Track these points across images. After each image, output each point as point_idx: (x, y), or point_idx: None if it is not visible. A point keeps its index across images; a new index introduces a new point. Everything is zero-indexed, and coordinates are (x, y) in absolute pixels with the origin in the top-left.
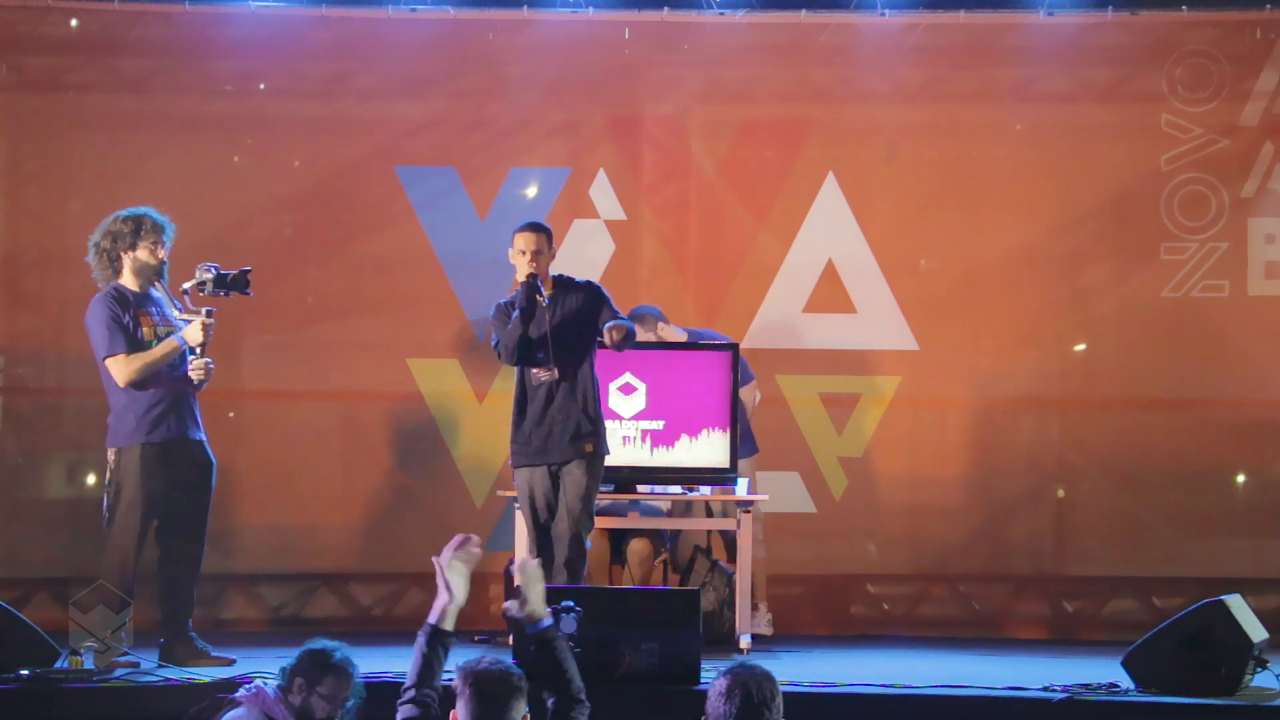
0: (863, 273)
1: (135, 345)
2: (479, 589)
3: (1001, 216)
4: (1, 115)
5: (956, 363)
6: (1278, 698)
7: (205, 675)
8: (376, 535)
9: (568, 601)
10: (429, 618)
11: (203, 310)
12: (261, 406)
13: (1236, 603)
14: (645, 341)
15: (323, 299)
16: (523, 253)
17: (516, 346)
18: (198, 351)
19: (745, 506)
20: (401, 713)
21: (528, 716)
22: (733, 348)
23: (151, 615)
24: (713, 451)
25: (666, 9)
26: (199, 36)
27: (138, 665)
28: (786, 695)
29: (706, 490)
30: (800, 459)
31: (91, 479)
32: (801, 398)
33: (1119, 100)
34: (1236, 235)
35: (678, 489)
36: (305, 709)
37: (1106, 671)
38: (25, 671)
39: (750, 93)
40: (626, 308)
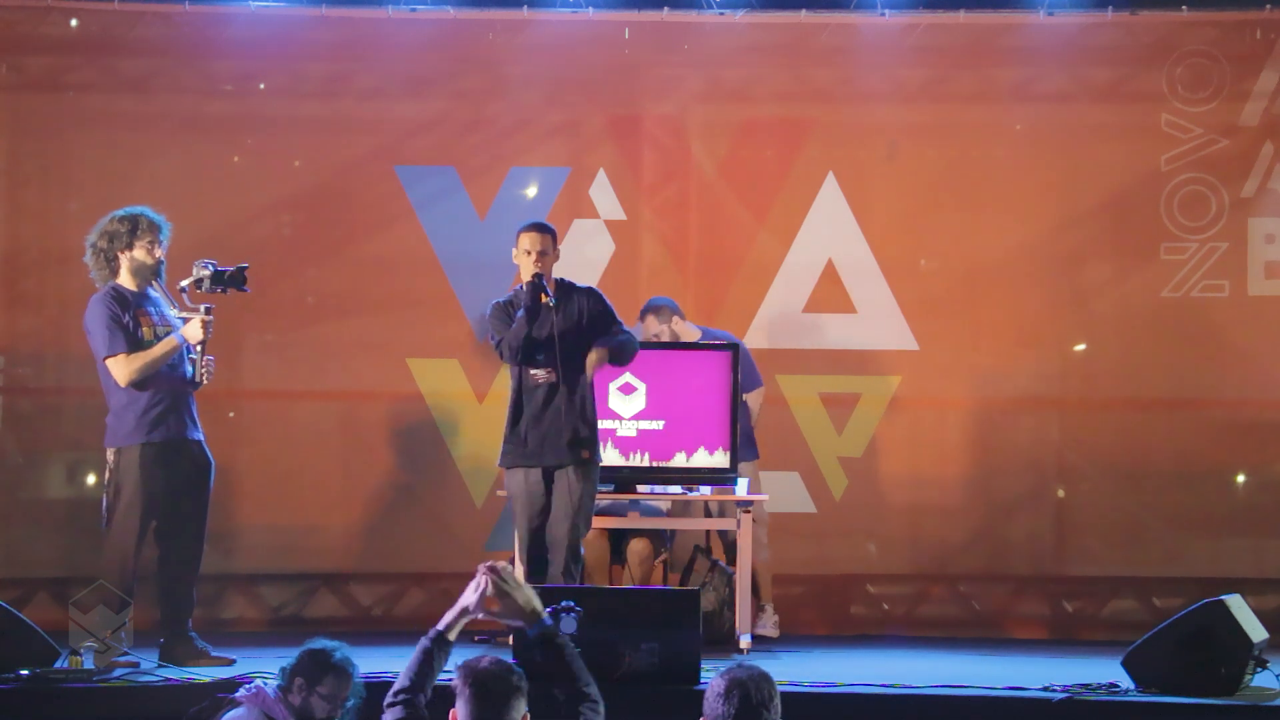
0: (863, 273)
1: (135, 345)
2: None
3: (1001, 216)
4: (1, 115)
5: (956, 363)
6: (1278, 698)
7: (205, 675)
8: (376, 535)
9: (568, 601)
10: (439, 624)
11: (201, 308)
12: (261, 406)
13: (1236, 603)
14: (645, 342)
15: (323, 299)
16: (528, 253)
17: (520, 346)
18: (198, 350)
19: (745, 507)
20: (390, 715)
21: (527, 716)
22: (735, 348)
23: (151, 615)
24: (712, 452)
25: (666, 9)
26: (199, 36)
27: (138, 665)
28: (786, 695)
29: (706, 490)
30: (800, 459)
31: (91, 479)
32: (801, 398)
33: (1119, 100)
34: (1236, 235)
35: (678, 489)
36: (305, 709)
37: (1106, 671)
38: (25, 671)
39: (750, 93)
40: (627, 308)
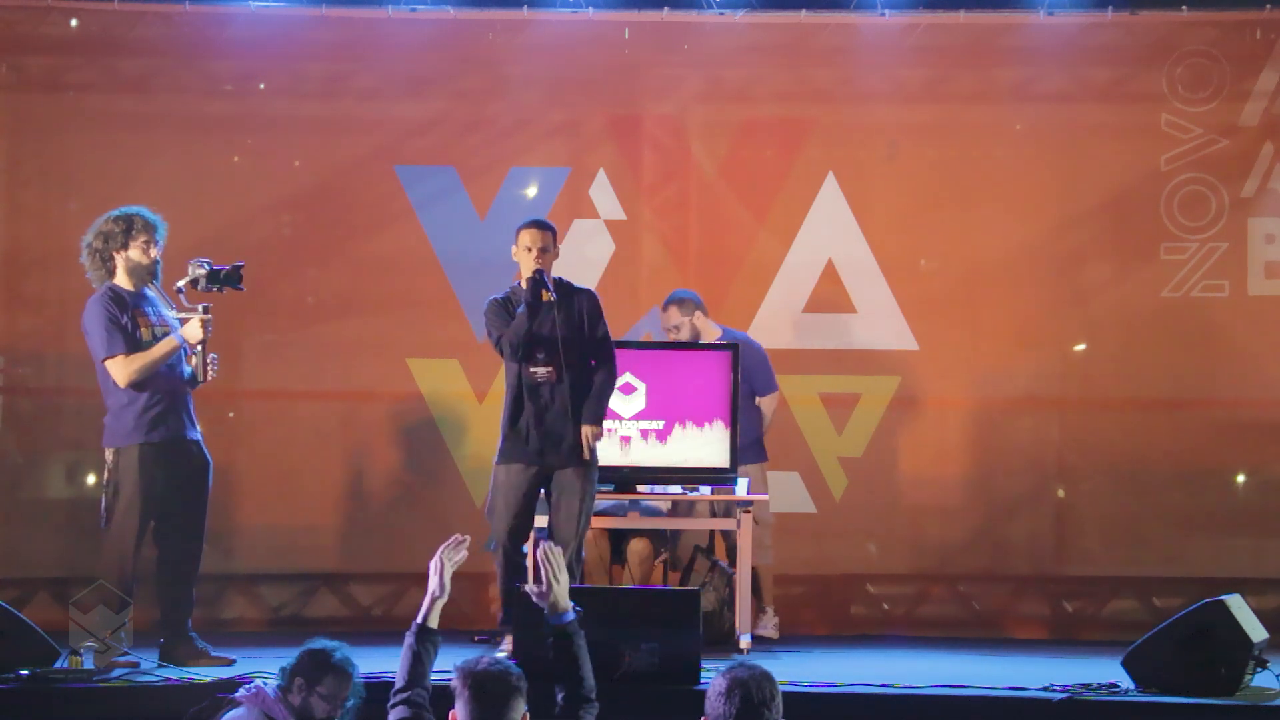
0: (863, 273)
1: (134, 345)
2: (479, 589)
3: (1001, 216)
4: (1, 115)
5: (956, 363)
6: (1278, 698)
7: (205, 675)
8: (376, 535)
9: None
10: (417, 617)
11: (200, 307)
12: (261, 406)
13: (1236, 603)
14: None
15: (323, 299)
16: (528, 249)
17: (521, 342)
18: (197, 349)
19: (745, 507)
20: (394, 715)
21: (527, 716)
22: (735, 348)
23: (151, 615)
24: (713, 452)
25: (666, 9)
26: (199, 36)
27: (138, 665)
28: (786, 695)
29: (706, 490)
30: (800, 459)
31: (91, 479)
32: (801, 398)
33: (1119, 100)
34: (1236, 235)
35: (678, 489)
36: (305, 709)
37: (1106, 671)
38: (25, 671)
39: (750, 93)
40: (627, 308)
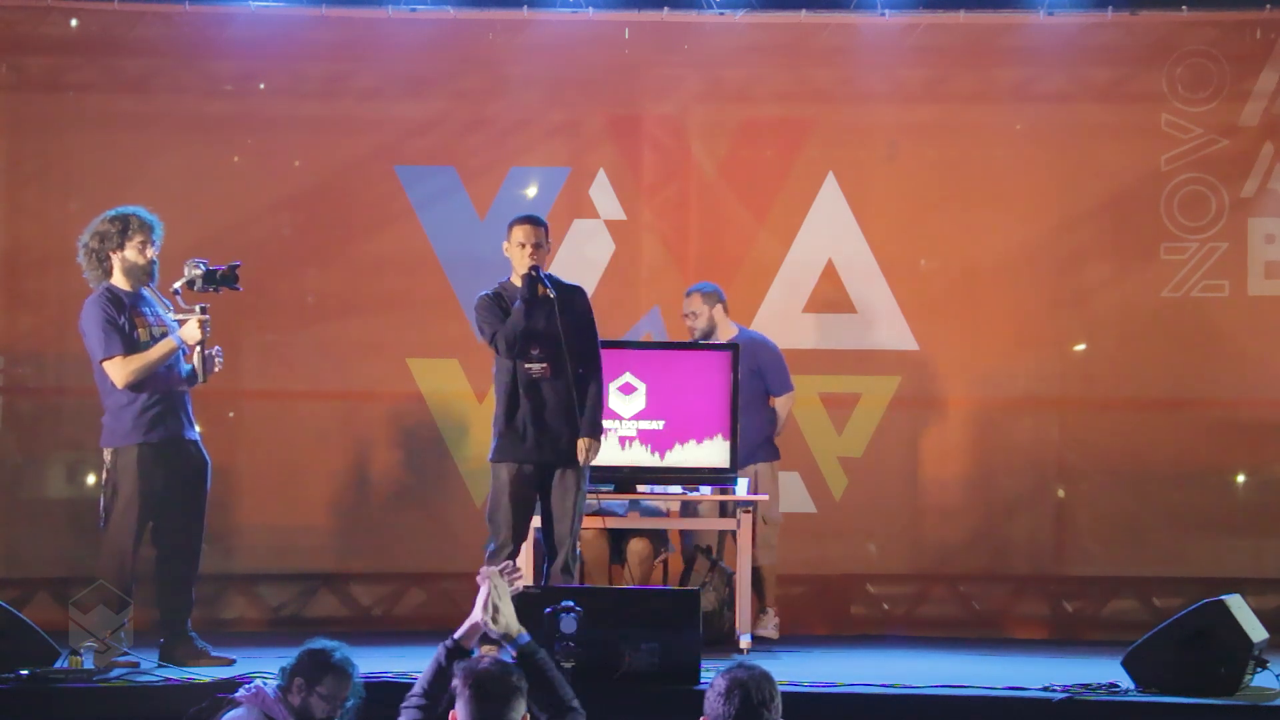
0: (863, 273)
1: (132, 346)
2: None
3: (1001, 216)
4: (1, 115)
5: (956, 363)
6: (1278, 698)
7: (205, 675)
8: (376, 535)
9: (567, 601)
10: (455, 633)
11: (197, 308)
12: (261, 406)
13: (1236, 603)
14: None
15: (323, 299)
16: (522, 245)
17: (518, 338)
18: (196, 350)
19: (745, 507)
20: (405, 716)
21: (527, 717)
22: (735, 348)
23: (151, 615)
24: (713, 452)
25: (666, 9)
26: (199, 36)
27: (138, 665)
28: (786, 695)
29: (706, 490)
30: (800, 459)
31: (91, 479)
32: (801, 398)
33: (1119, 100)
34: (1236, 235)
35: (678, 489)
36: (305, 709)
37: (1106, 671)
38: (25, 671)
39: (750, 93)
40: (627, 309)
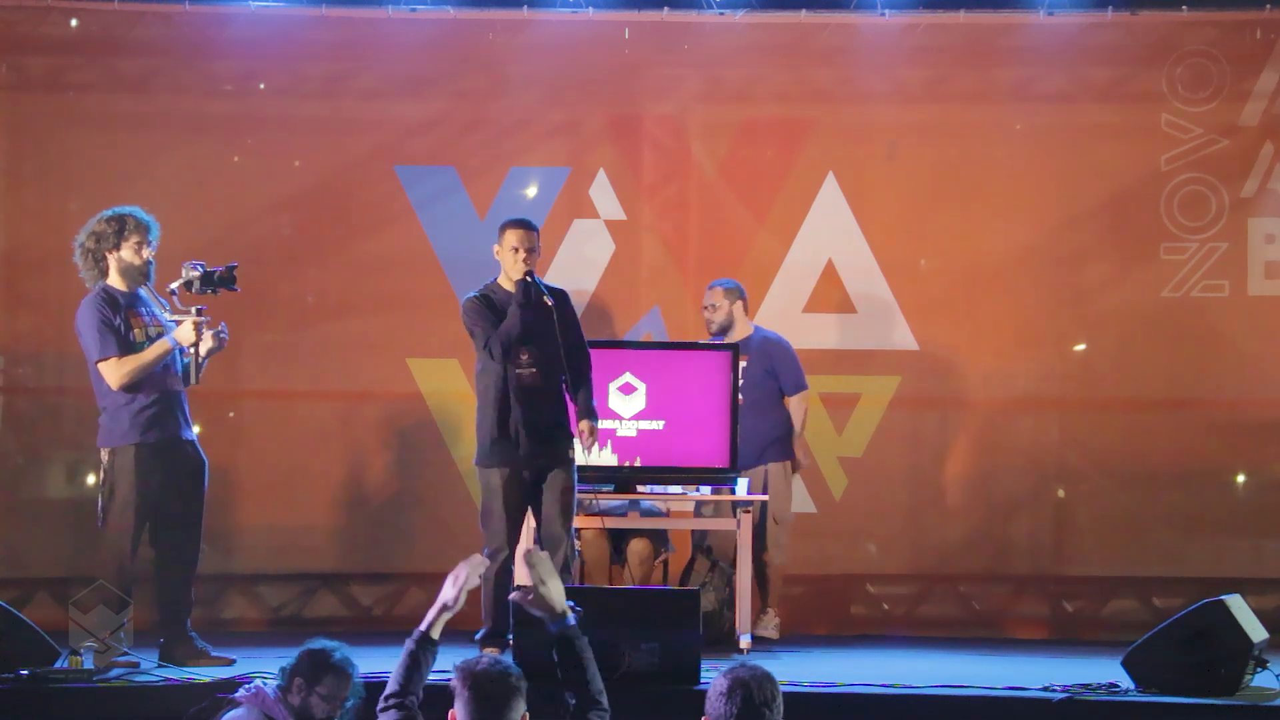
0: (863, 273)
1: (127, 347)
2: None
3: (1001, 216)
4: (1, 115)
5: (956, 363)
6: (1278, 698)
7: (205, 675)
8: (376, 535)
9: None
10: (421, 625)
11: (193, 309)
12: (261, 406)
13: (1236, 603)
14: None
15: (323, 299)
16: (515, 250)
17: (513, 343)
18: (190, 351)
19: (745, 507)
20: (385, 718)
21: (526, 716)
22: (734, 348)
23: (151, 615)
24: (713, 452)
25: (666, 9)
26: (199, 36)
27: (137, 665)
28: (786, 695)
29: (706, 490)
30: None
31: (92, 479)
32: None
33: (1119, 100)
34: (1236, 235)
35: (678, 489)
36: (305, 709)
37: (1106, 671)
38: (25, 671)
39: (750, 93)
40: (628, 309)
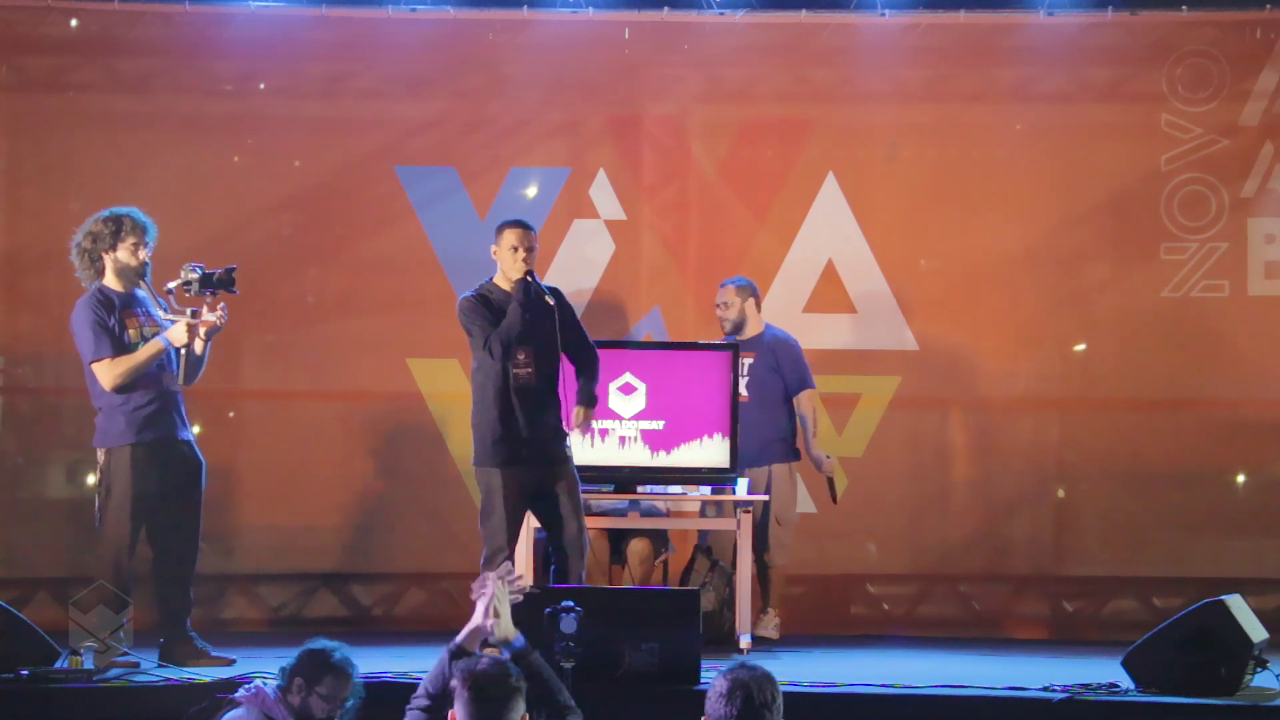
0: (863, 273)
1: (121, 348)
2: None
3: (1001, 216)
4: (1, 115)
5: (956, 363)
6: (1278, 698)
7: (205, 675)
8: (376, 535)
9: (567, 601)
10: (458, 637)
11: (187, 311)
12: (261, 406)
13: (1236, 603)
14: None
15: (323, 299)
16: (514, 249)
17: (514, 341)
18: (182, 353)
19: (745, 506)
20: (410, 717)
21: (526, 717)
22: (734, 348)
23: (151, 615)
24: (713, 452)
25: (666, 9)
26: (199, 36)
27: (137, 665)
28: (786, 695)
29: (706, 490)
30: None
31: (91, 479)
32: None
33: (1119, 100)
34: (1236, 235)
35: (678, 489)
36: (305, 709)
37: (1106, 671)
38: (25, 671)
39: (750, 93)
40: (628, 309)
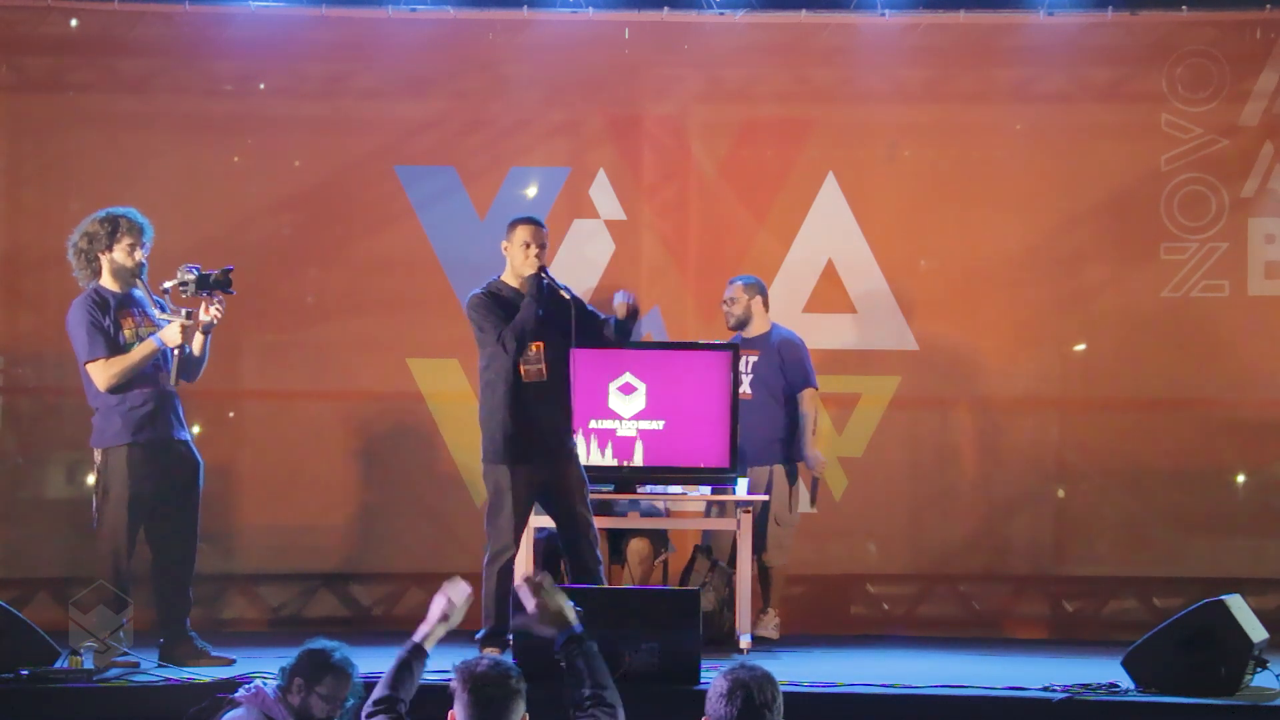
0: (863, 273)
1: (116, 348)
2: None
3: (1001, 216)
4: (1, 115)
5: (956, 363)
6: (1278, 698)
7: (205, 675)
8: (376, 535)
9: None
10: (415, 635)
11: (182, 311)
12: (261, 406)
13: (1236, 603)
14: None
15: (323, 299)
16: (526, 245)
17: (527, 336)
18: (176, 353)
19: (745, 506)
20: None
21: (527, 717)
22: (735, 348)
23: (150, 615)
24: (713, 452)
25: (666, 9)
26: (199, 36)
27: (137, 665)
28: (786, 695)
29: (706, 490)
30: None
31: (91, 479)
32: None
33: (1119, 100)
34: (1236, 235)
35: (678, 489)
36: (305, 709)
37: (1106, 671)
38: (25, 671)
39: (750, 93)
40: None
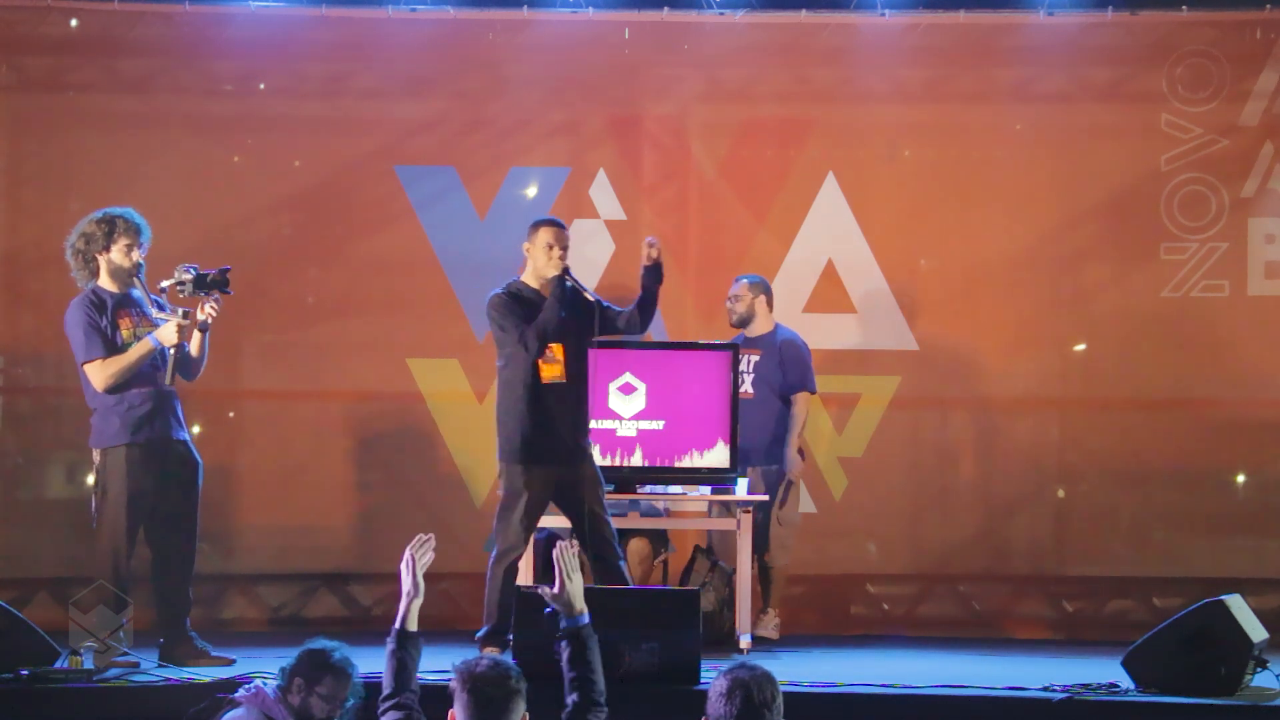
0: (863, 273)
1: (113, 349)
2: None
3: (1001, 216)
4: (1, 115)
5: (956, 363)
6: (1278, 698)
7: (205, 675)
8: (376, 535)
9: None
10: (394, 623)
11: (179, 311)
12: (261, 406)
13: (1236, 603)
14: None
15: (323, 299)
16: (550, 246)
17: (548, 336)
18: (173, 353)
19: (745, 507)
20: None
21: (526, 717)
22: (734, 349)
23: (151, 615)
24: (713, 452)
25: (666, 9)
26: (199, 36)
27: (137, 665)
28: (786, 695)
29: (706, 490)
30: None
31: (90, 479)
32: None
33: (1119, 100)
34: (1236, 235)
35: (678, 489)
36: (305, 709)
37: (1106, 671)
38: (25, 671)
39: (750, 93)
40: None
